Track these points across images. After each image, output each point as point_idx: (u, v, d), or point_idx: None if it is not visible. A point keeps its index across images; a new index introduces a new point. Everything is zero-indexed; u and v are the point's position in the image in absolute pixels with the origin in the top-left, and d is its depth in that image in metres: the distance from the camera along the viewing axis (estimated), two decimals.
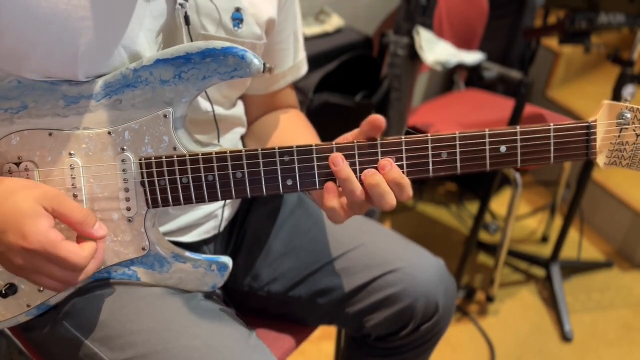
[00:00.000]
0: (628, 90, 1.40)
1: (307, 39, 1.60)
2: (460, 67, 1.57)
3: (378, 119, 0.64)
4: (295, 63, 0.90)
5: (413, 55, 1.61)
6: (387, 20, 1.99)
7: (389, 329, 0.88)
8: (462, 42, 1.86)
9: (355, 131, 0.68)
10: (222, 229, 0.88)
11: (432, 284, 0.87)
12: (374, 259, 0.87)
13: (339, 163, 0.64)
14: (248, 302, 0.92)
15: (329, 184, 0.65)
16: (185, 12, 0.67)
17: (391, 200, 0.64)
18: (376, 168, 0.65)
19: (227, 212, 0.89)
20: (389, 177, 0.64)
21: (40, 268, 0.59)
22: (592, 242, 2.15)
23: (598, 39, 1.51)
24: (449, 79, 2.32)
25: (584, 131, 0.66)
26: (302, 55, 0.91)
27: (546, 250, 2.02)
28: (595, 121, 0.66)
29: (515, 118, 1.49)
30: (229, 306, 0.81)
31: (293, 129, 0.88)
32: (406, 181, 0.64)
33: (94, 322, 0.70)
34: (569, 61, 2.47)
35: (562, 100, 2.42)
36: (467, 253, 1.72)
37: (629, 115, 0.65)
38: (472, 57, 1.57)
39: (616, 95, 1.54)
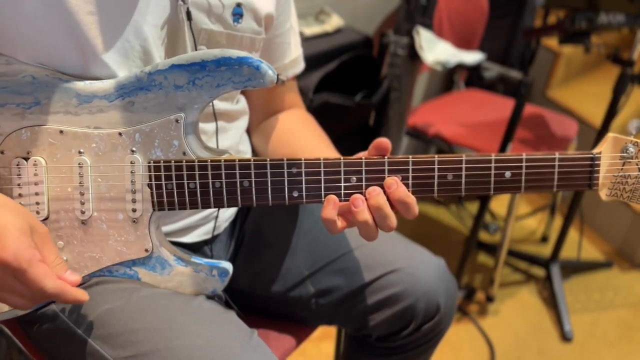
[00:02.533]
0: (634, 125, 1.40)
1: (307, 39, 1.61)
2: (460, 67, 1.57)
3: (384, 142, 0.65)
4: (295, 57, 0.91)
5: (413, 55, 1.61)
6: (387, 20, 1.99)
7: (390, 329, 0.88)
8: (462, 42, 1.86)
9: (364, 153, 0.69)
10: (222, 229, 0.88)
11: (433, 283, 0.87)
12: (375, 259, 0.87)
13: (359, 205, 0.65)
14: (249, 302, 0.92)
15: (330, 197, 0.66)
16: (187, 8, 0.68)
17: (392, 223, 0.65)
18: (382, 186, 0.66)
19: (227, 214, 0.89)
20: (394, 196, 0.65)
21: (4, 284, 0.57)
22: (592, 242, 2.15)
23: (598, 39, 1.51)
24: (449, 79, 2.32)
25: (588, 162, 0.66)
26: (301, 50, 0.93)
27: (546, 250, 2.02)
28: (599, 153, 0.66)
29: (515, 118, 1.49)
30: (230, 307, 0.81)
31: (306, 134, 0.89)
32: (412, 199, 0.65)
33: (96, 320, 0.70)
34: (569, 61, 2.48)
35: (562, 100, 2.42)
36: (467, 253, 1.72)
37: (632, 150, 0.66)
38: (472, 57, 1.58)
39: (616, 96, 1.54)
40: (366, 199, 0.65)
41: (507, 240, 1.69)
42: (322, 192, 0.67)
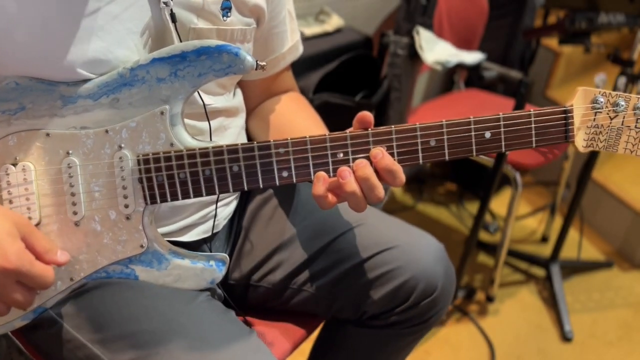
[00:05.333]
0: (600, 77, 1.42)
1: (307, 39, 1.61)
2: (460, 67, 1.57)
3: (366, 115, 0.68)
4: (293, 43, 0.91)
5: (413, 55, 1.61)
6: (387, 20, 1.99)
7: (387, 306, 0.87)
8: (462, 42, 1.86)
9: (349, 129, 0.70)
10: (220, 227, 0.88)
11: (431, 263, 0.86)
12: (372, 239, 0.86)
13: (347, 176, 0.67)
14: (248, 297, 0.91)
15: (320, 174, 0.67)
16: (171, 10, 0.68)
17: (379, 193, 0.67)
18: (368, 157, 0.67)
19: (225, 211, 0.89)
20: (381, 165, 0.67)
21: (2, 290, 0.59)
22: (592, 242, 2.15)
23: (598, 39, 1.51)
24: (449, 79, 2.32)
25: (562, 115, 0.69)
26: (298, 35, 0.93)
27: (546, 250, 2.02)
28: (571, 106, 0.69)
29: None
30: (229, 307, 0.81)
31: (299, 116, 0.90)
32: (398, 167, 0.67)
33: (94, 323, 0.70)
34: (569, 61, 2.47)
35: (562, 100, 2.42)
36: (467, 253, 1.72)
37: (602, 100, 0.69)
38: (472, 57, 1.58)
39: None
40: (353, 172, 0.67)
41: (507, 240, 1.69)
42: (311, 170, 0.68)
